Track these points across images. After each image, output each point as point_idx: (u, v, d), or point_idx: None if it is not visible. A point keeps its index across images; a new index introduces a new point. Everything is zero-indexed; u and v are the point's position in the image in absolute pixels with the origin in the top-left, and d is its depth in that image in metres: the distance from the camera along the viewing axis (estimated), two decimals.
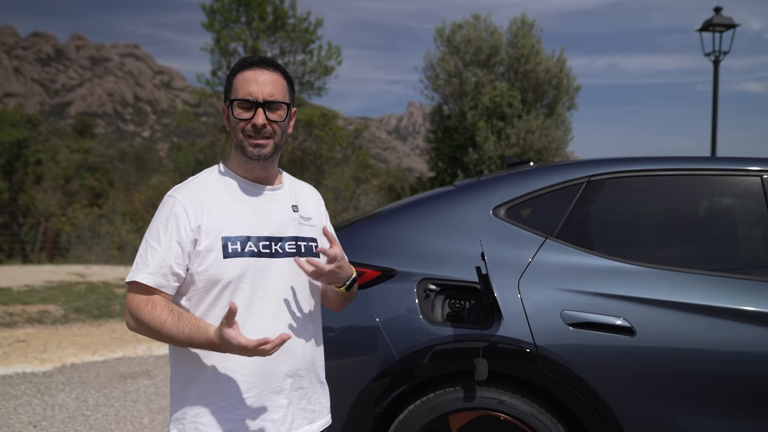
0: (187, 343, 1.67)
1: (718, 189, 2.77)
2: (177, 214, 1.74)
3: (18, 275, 11.62)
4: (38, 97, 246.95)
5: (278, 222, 1.82)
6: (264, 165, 1.81)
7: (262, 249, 1.76)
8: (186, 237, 1.72)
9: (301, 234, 1.86)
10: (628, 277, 2.45)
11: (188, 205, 1.75)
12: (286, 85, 1.83)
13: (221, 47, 20.02)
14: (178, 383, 1.78)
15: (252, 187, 1.83)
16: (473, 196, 2.75)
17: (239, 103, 1.77)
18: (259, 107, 1.75)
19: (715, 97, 13.20)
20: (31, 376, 5.60)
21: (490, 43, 19.12)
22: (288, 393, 1.80)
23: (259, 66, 1.79)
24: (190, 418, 1.73)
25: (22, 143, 29.46)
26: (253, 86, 1.76)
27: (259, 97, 1.75)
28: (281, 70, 1.83)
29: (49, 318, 7.97)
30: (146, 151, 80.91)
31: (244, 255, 1.73)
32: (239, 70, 1.80)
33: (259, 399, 1.75)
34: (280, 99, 1.78)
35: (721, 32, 12.97)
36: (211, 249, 1.72)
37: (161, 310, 1.68)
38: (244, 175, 1.83)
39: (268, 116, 1.76)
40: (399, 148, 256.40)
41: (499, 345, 2.42)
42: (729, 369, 2.33)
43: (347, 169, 22.46)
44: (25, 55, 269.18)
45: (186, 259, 1.73)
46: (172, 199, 1.78)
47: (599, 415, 2.36)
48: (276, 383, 1.77)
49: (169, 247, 1.71)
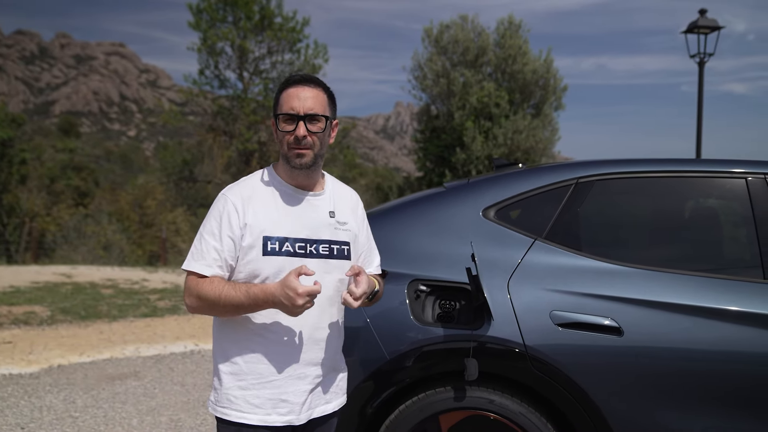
0: (244, 299, 1.86)
1: (703, 191, 2.81)
2: (229, 212, 1.95)
3: (3, 276, 11.52)
4: (22, 96, 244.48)
5: (315, 226, 2.02)
6: (306, 173, 2.01)
7: (297, 249, 1.97)
8: (236, 232, 1.94)
9: (335, 238, 2.05)
10: (616, 278, 2.49)
11: (238, 204, 1.96)
12: (326, 100, 2.01)
13: (208, 46, 19.94)
14: (218, 358, 2.02)
15: (294, 192, 2.03)
16: (463, 198, 2.77)
17: (283, 117, 1.96)
18: (300, 120, 1.94)
19: (700, 99, 13.32)
20: (18, 378, 5.56)
21: (478, 43, 19.19)
22: (311, 380, 2.01)
23: (302, 83, 1.99)
24: (224, 390, 1.98)
25: (6, 143, 29.16)
26: (295, 101, 1.95)
27: (300, 111, 1.94)
28: (322, 86, 2.03)
29: (36, 319, 7.92)
30: (132, 151, 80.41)
31: (281, 254, 1.94)
32: (285, 88, 2.00)
33: (285, 382, 1.97)
34: (320, 112, 1.97)
35: (706, 34, 13.10)
36: (253, 246, 1.93)
37: (218, 282, 1.91)
38: (289, 181, 2.03)
39: (309, 128, 1.95)
40: (386, 147, 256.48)
41: (489, 345, 2.45)
42: (714, 368, 2.36)
43: (335, 168, 22.45)
44: (8, 53, 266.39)
45: (237, 252, 1.95)
46: (224, 197, 1.99)
47: (588, 414, 2.39)
48: (301, 370, 1.99)
49: (222, 241, 1.94)
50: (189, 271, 1.96)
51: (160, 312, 8.74)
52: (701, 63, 13.19)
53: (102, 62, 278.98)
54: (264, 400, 1.96)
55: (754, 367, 2.35)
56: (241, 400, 1.96)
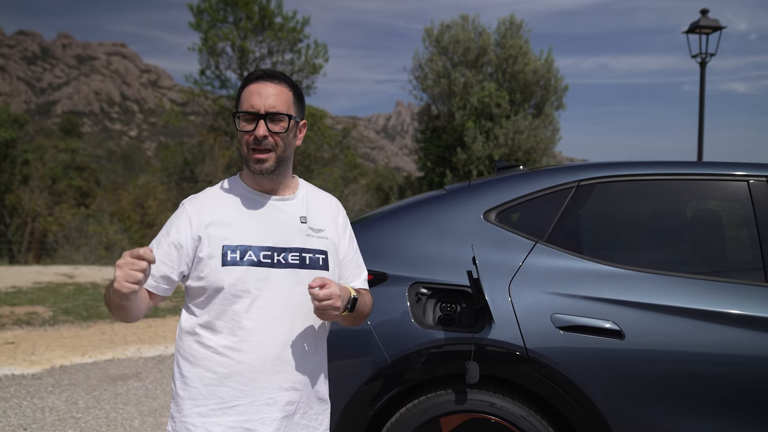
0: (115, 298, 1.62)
1: (705, 194, 2.81)
2: (181, 221, 1.81)
3: (5, 276, 11.53)
4: (24, 96, 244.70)
5: (283, 233, 1.83)
6: (270, 177, 1.84)
7: (262, 259, 1.79)
8: (186, 244, 1.79)
9: (307, 245, 1.85)
10: (617, 281, 2.49)
11: (193, 214, 1.81)
12: (291, 97, 1.83)
13: (209, 47, 19.95)
14: (176, 380, 1.83)
15: (259, 197, 1.86)
16: (464, 200, 2.77)
17: (243, 116, 1.79)
18: (260, 119, 1.76)
19: (701, 98, 13.32)
20: (20, 378, 5.58)
21: (479, 43, 19.20)
22: (282, 407, 1.79)
23: (263, 79, 1.81)
24: (182, 417, 1.78)
25: (9, 143, 29.19)
26: (256, 99, 1.77)
27: (261, 108, 1.76)
28: (288, 82, 1.84)
29: (38, 320, 7.93)
30: (133, 151, 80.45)
31: (242, 264, 1.77)
32: (246, 84, 1.82)
33: (250, 408, 1.76)
34: (283, 111, 1.78)
35: (708, 34, 13.09)
36: (211, 256, 1.77)
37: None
38: (253, 186, 1.87)
39: (270, 128, 1.77)
40: (387, 147, 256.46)
41: (490, 348, 2.45)
42: (716, 371, 2.37)
43: (335, 168, 22.46)
44: (10, 53, 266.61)
45: (182, 265, 1.80)
46: (182, 207, 1.86)
47: (589, 417, 2.39)
48: (269, 395, 1.78)
49: (164, 253, 1.79)
50: None
51: (162, 313, 8.74)
52: (703, 63, 13.18)
53: (103, 62, 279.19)
54: (225, 428, 1.74)
55: (756, 370, 2.35)
56: (201, 429, 1.74)
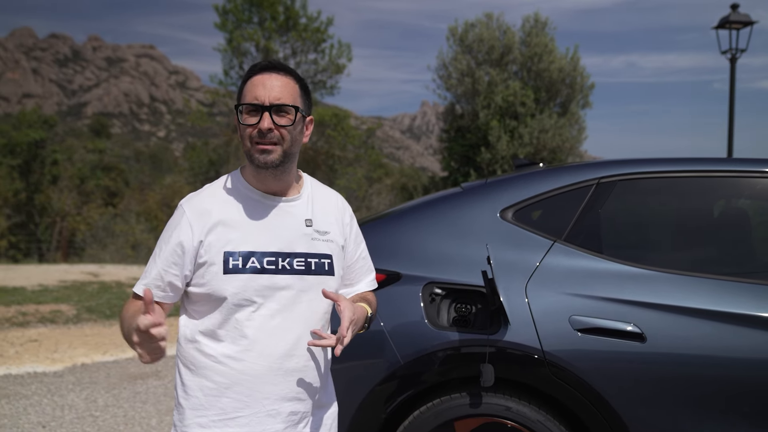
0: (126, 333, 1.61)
1: (732, 191, 2.71)
2: (182, 226, 1.70)
3: (33, 275, 11.71)
4: (56, 98, 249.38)
5: (288, 237, 1.74)
6: (275, 174, 1.72)
7: (266, 265, 1.69)
8: (188, 250, 1.69)
9: (312, 250, 1.77)
10: (639, 282, 2.39)
11: (194, 218, 1.70)
12: (297, 90, 1.73)
13: (234, 47, 20.09)
14: (178, 388, 1.77)
15: (263, 199, 1.75)
16: (480, 199, 2.70)
17: (246, 108, 1.69)
18: (265, 111, 1.66)
19: (731, 96, 13.02)
20: (42, 376, 5.62)
21: (503, 42, 19.03)
22: (285, 417, 1.72)
23: (268, 70, 1.71)
24: (183, 427, 1.72)
25: (39, 144, 29.76)
26: (260, 90, 1.68)
27: (266, 100, 1.67)
28: (293, 74, 1.75)
29: (62, 318, 8.02)
30: (161, 151, 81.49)
31: (245, 271, 1.67)
32: (249, 76, 1.73)
33: (252, 420, 1.69)
34: (289, 102, 1.69)
35: (738, 29, 12.80)
36: (212, 263, 1.68)
37: (135, 307, 1.66)
38: (257, 186, 1.76)
39: (276, 120, 1.67)
40: (412, 147, 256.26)
41: (505, 350, 2.38)
42: (742, 376, 2.26)
43: (359, 168, 22.45)
44: (43, 56, 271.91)
45: (186, 271, 1.70)
46: (180, 210, 1.74)
47: (608, 423, 2.31)
48: (272, 406, 1.71)
49: (167, 260, 1.70)
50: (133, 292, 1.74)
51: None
52: (733, 59, 12.89)
53: (132, 64, 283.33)
54: None
55: None
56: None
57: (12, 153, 29.57)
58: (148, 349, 1.49)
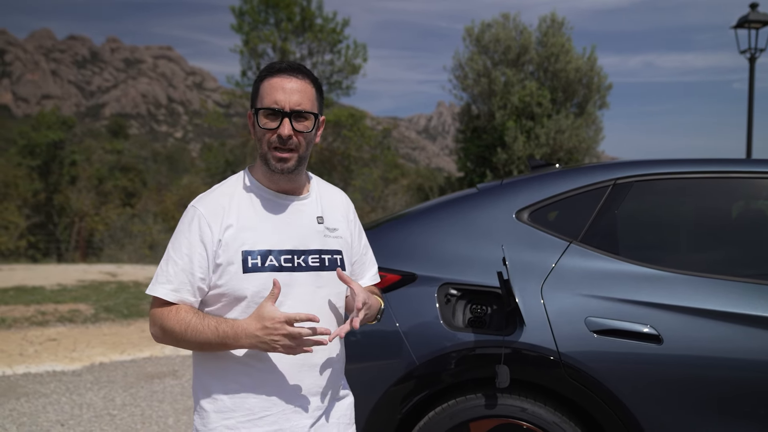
0: (212, 336, 1.62)
1: (751, 192, 2.68)
2: (200, 227, 1.69)
3: (51, 274, 11.85)
4: (74, 99, 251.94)
5: (302, 235, 1.76)
6: (289, 177, 1.74)
7: (283, 263, 1.70)
8: (209, 251, 1.68)
9: (325, 247, 1.79)
10: (656, 284, 2.38)
11: (210, 218, 1.69)
12: (314, 94, 1.73)
13: (250, 48, 20.18)
14: (199, 393, 1.75)
15: (276, 198, 1.77)
16: (496, 200, 2.70)
17: (265, 112, 1.69)
18: (285, 117, 1.66)
19: (750, 96, 12.87)
20: (61, 375, 5.69)
21: (520, 42, 18.94)
22: (311, 412, 1.74)
23: (287, 73, 1.70)
24: (209, 430, 1.70)
25: (58, 144, 30.09)
26: (280, 94, 1.67)
27: (286, 106, 1.66)
28: (310, 77, 1.74)
29: (80, 317, 8.10)
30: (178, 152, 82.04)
31: (264, 270, 1.68)
32: (266, 76, 1.71)
33: (280, 417, 1.70)
34: (308, 109, 1.69)
35: (758, 29, 12.65)
36: (231, 263, 1.67)
37: (185, 313, 1.65)
38: (269, 186, 1.77)
39: (295, 127, 1.67)
40: (428, 147, 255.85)
41: (521, 352, 2.37)
42: (760, 379, 2.24)
43: (375, 169, 22.46)
44: (61, 57, 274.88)
45: (209, 273, 1.69)
46: (193, 210, 1.72)
47: (624, 424, 2.29)
48: (299, 402, 1.72)
49: (191, 262, 1.67)
50: (155, 297, 1.70)
51: None
52: (752, 59, 12.74)
53: (150, 65, 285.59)
54: None
55: None
56: None
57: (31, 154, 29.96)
58: (301, 345, 1.60)
